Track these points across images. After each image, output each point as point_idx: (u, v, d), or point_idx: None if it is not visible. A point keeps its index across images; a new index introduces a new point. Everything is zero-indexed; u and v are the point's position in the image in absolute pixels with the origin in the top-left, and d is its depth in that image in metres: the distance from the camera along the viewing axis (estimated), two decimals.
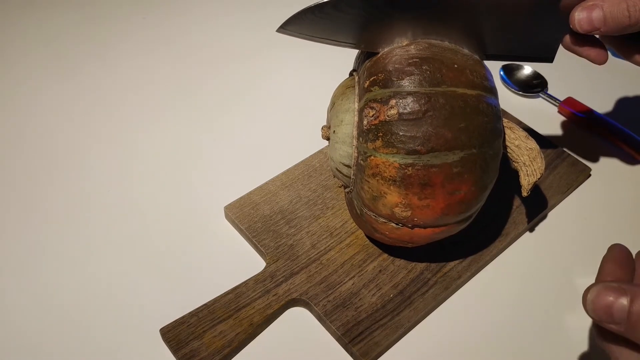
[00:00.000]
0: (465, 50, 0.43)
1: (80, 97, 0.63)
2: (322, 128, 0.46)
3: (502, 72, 0.67)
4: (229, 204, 0.51)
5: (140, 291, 0.47)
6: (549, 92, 0.64)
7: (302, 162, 0.55)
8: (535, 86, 0.65)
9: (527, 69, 0.66)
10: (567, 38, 0.43)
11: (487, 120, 0.40)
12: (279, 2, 0.75)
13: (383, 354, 0.44)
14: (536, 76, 0.66)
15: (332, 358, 0.44)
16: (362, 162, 0.41)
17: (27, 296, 0.46)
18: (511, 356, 0.44)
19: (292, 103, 0.63)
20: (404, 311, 0.45)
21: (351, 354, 0.43)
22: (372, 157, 0.40)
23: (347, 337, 0.43)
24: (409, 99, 0.39)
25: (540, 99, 0.65)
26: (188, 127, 0.60)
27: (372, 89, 0.41)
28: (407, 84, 0.40)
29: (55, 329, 0.45)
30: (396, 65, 0.40)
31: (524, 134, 0.46)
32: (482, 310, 0.47)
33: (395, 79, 0.40)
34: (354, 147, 0.42)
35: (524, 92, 0.65)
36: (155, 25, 0.73)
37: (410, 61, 0.40)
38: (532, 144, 0.48)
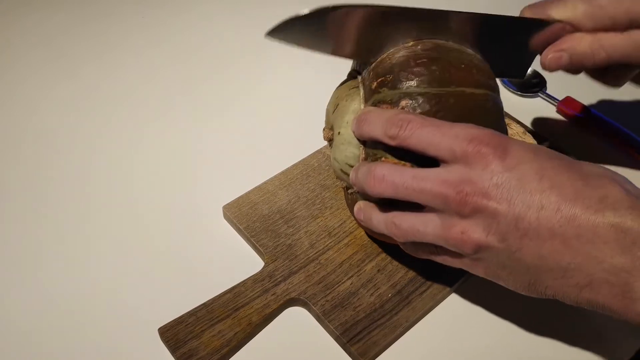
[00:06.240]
0: (470, 50, 0.43)
1: (79, 96, 0.63)
2: (323, 130, 0.46)
3: None
4: (228, 204, 0.51)
5: (138, 290, 0.47)
6: (547, 91, 0.64)
7: (300, 161, 0.55)
8: (534, 86, 0.65)
9: None
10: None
11: (493, 119, 0.40)
12: (279, 0, 0.75)
13: (381, 353, 0.44)
14: (535, 75, 0.66)
15: (330, 357, 0.44)
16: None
17: (25, 295, 0.46)
18: (511, 356, 0.44)
19: (291, 102, 0.63)
20: (402, 311, 0.45)
21: (349, 354, 0.43)
22: (384, 159, 0.40)
23: (345, 337, 0.43)
24: (420, 100, 0.39)
25: (539, 98, 0.65)
26: (186, 127, 0.60)
27: (380, 90, 0.41)
28: (416, 84, 0.39)
29: (54, 329, 0.45)
30: (404, 66, 0.40)
31: (521, 129, 0.46)
32: (481, 310, 0.46)
33: (404, 80, 0.40)
34: (361, 148, 0.42)
35: (522, 91, 0.65)
36: (155, 25, 0.72)
37: (418, 61, 0.40)
38: (530, 139, 0.48)
